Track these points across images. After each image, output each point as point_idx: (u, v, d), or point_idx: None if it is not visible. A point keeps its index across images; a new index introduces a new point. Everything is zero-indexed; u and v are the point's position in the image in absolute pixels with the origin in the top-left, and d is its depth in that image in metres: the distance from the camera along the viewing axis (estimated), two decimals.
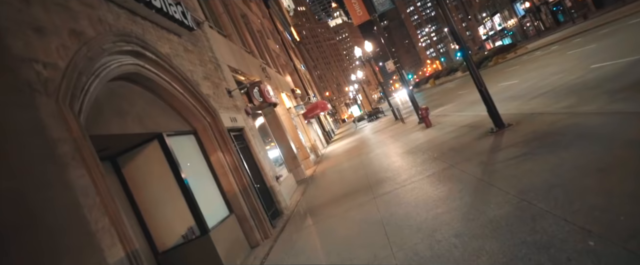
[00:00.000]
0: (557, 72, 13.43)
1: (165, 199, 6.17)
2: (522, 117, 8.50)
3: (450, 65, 69.87)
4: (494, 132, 8.04)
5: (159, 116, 6.36)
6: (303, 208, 9.59)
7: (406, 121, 20.17)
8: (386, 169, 9.56)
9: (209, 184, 7.22)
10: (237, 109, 9.57)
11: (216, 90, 8.57)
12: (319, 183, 12.59)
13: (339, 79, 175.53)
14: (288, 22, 55.84)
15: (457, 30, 8.27)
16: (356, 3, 16.72)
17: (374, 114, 40.12)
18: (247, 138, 9.53)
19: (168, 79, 6.43)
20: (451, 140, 9.55)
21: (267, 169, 9.69)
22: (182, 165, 6.35)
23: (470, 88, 24.64)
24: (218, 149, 7.52)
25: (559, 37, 31.20)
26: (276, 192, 9.65)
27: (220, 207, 7.26)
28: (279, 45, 30.41)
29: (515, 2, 66.23)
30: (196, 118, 7.35)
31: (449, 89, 35.99)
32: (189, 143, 7.21)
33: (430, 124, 13.84)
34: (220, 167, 7.50)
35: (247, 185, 7.75)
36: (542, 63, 19.17)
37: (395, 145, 13.16)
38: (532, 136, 6.55)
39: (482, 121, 10.25)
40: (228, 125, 8.32)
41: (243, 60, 13.33)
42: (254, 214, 7.69)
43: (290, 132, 17.26)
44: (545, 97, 10.08)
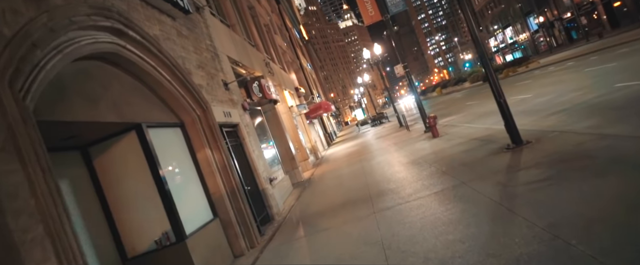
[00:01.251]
0: (575, 89, 12.70)
1: (139, 197, 5.48)
2: (540, 134, 7.78)
3: (458, 75, 69.10)
4: (511, 148, 7.32)
5: (139, 104, 5.67)
6: (296, 215, 8.88)
7: (411, 129, 19.44)
8: (389, 180, 8.84)
9: (192, 183, 6.52)
10: (233, 103, 8.88)
11: (210, 81, 7.88)
12: (316, 188, 11.88)
13: (345, 81, 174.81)
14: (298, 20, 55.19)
15: (478, 36, 7.56)
16: (369, 2, 16.03)
17: (378, 119, 39.39)
18: (241, 135, 8.84)
19: (154, 64, 5.74)
20: (461, 153, 8.82)
21: (260, 170, 8.99)
22: (162, 161, 5.66)
23: (480, 99, 23.93)
24: (206, 146, 6.83)
25: (573, 54, 30.41)
26: (268, 195, 8.95)
27: (204, 210, 6.56)
28: (286, 42, 29.74)
29: (529, 16, 65.36)
30: (184, 110, 6.65)
31: (456, 98, 35.22)
32: (174, 137, 6.52)
33: (437, 134, 13.12)
34: (207, 165, 6.81)
35: (236, 187, 7.05)
36: (557, 79, 18.42)
37: (399, 154, 12.43)
38: (556, 157, 5.82)
39: (495, 135, 9.54)
40: (220, 120, 7.63)
41: (245, 52, 12.65)
42: (241, 219, 6.99)
43: (290, 131, 16.56)
44: (565, 115, 9.35)
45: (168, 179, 5.63)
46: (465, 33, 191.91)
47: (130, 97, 5.50)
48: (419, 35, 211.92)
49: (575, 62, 23.91)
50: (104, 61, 5.06)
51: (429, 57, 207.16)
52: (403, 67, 16.28)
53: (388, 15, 15.65)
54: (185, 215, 5.84)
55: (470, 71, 58.36)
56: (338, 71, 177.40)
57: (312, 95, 29.64)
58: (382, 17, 15.82)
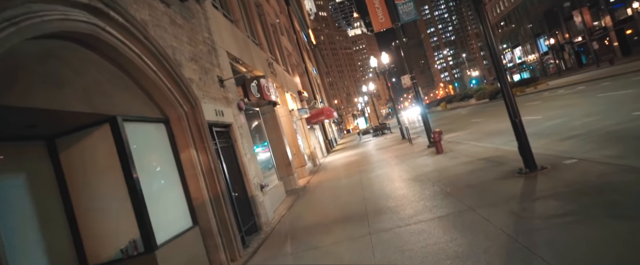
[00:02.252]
0: (589, 114, 12.10)
1: (108, 199, 4.87)
2: (555, 159, 7.17)
3: (464, 91, 68.61)
4: (524, 173, 6.70)
5: (118, 95, 5.09)
6: (286, 227, 8.25)
7: (414, 142, 18.82)
8: (388, 196, 8.22)
9: (172, 186, 5.92)
10: (228, 101, 8.30)
11: (204, 77, 7.30)
12: (311, 198, 11.26)
13: (350, 89, 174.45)
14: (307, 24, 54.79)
15: (497, 50, 6.97)
16: (379, 9, 15.48)
17: (381, 129, 38.77)
18: (233, 136, 8.24)
19: (138, 51, 5.16)
20: (468, 174, 8.20)
21: (251, 175, 8.38)
22: (138, 159, 5.06)
23: (486, 117, 23.34)
24: (191, 145, 6.23)
25: (583, 78, 29.83)
26: (258, 203, 8.33)
27: (182, 216, 5.95)
28: (293, 45, 29.24)
29: (539, 38, 64.91)
30: (170, 104, 6.07)
31: (461, 115, 34.62)
32: (156, 134, 5.92)
33: (441, 150, 12.50)
34: (190, 167, 6.21)
35: (221, 193, 6.44)
36: (567, 102, 17.83)
37: (400, 168, 11.81)
38: (577, 188, 5.20)
39: (505, 157, 8.93)
40: (211, 119, 7.03)
41: (247, 50, 12.08)
42: (223, 228, 6.37)
43: (288, 135, 15.96)
44: (581, 141, 8.75)
45: (143, 180, 5.03)
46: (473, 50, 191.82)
47: (108, 87, 4.91)
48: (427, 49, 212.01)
49: (586, 86, 23.32)
50: (79, 43, 4.47)
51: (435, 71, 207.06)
52: (410, 78, 15.69)
53: (399, 23, 15.08)
54: (159, 221, 5.23)
55: (477, 88, 57.87)
56: (343, 78, 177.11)
57: (314, 100, 29.07)
58: (392, 24, 15.25)
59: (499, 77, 6.94)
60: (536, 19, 63.15)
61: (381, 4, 15.31)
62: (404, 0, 15.01)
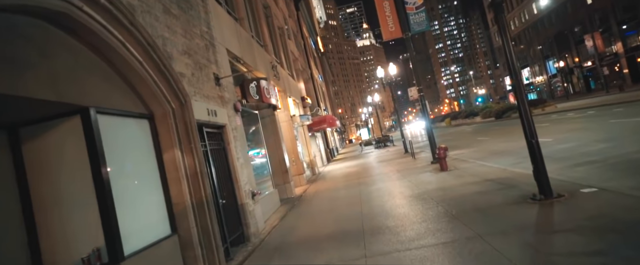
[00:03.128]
0: (603, 140, 11.52)
1: (73, 200, 4.32)
2: (572, 186, 6.58)
3: (470, 108, 68.05)
4: (539, 200, 6.11)
5: (95, 85, 4.56)
6: (276, 239, 7.67)
7: (417, 157, 18.23)
8: (387, 214, 7.63)
9: (150, 189, 5.37)
10: (223, 101, 7.77)
11: (198, 73, 6.78)
12: (306, 208, 10.67)
13: (355, 99, 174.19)
14: (315, 31, 54.55)
15: (516, 66, 6.43)
16: (390, 17, 15.00)
17: (383, 141, 38.16)
18: (226, 139, 7.70)
19: (122, 38, 4.64)
20: (475, 196, 7.61)
21: (242, 182, 7.82)
22: (112, 157, 4.53)
23: (492, 136, 22.73)
24: (176, 146, 5.69)
25: (592, 103, 29.26)
26: (247, 212, 7.76)
27: (160, 223, 5.39)
28: (300, 50, 28.82)
29: (548, 60, 64.43)
30: (156, 99, 5.54)
31: (466, 132, 34.02)
32: (138, 130, 5.38)
33: (446, 167, 11.92)
34: (173, 169, 5.66)
35: (206, 199, 5.88)
36: (578, 126, 17.24)
37: (401, 184, 11.22)
38: (603, 223, 4.61)
39: (515, 179, 8.35)
40: (202, 118, 6.50)
41: (250, 50, 11.59)
42: (205, 238, 5.80)
43: (287, 142, 15.41)
44: (598, 168, 8.16)
45: (116, 180, 4.48)
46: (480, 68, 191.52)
47: (83, 75, 4.38)
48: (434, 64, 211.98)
49: (597, 111, 22.72)
50: (52, 23, 3.96)
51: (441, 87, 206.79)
52: (418, 91, 15.15)
53: (409, 33, 14.59)
54: (131, 228, 4.68)
55: (483, 106, 57.31)
56: (349, 88, 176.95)
57: (318, 107, 28.55)
58: (402, 34, 14.75)
59: (517, 94, 6.39)
60: (546, 41, 62.75)
61: (392, 12, 14.84)
62: (415, 10, 14.54)
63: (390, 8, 14.94)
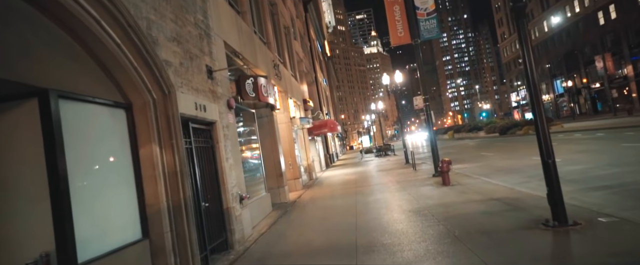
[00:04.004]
0: (617, 164, 10.95)
1: (23, 196, 3.76)
2: (589, 214, 5.99)
3: (473, 122, 67.41)
4: (552, 227, 5.50)
5: (58, 64, 4.01)
6: (261, 249, 7.08)
7: (418, 168, 17.63)
8: (383, 230, 7.03)
9: (121, 188, 4.79)
10: (215, 96, 7.21)
11: (188, 63, 6.22)
12: (298, 216, 10.08)
13: (358, 106, 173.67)
14: (323, 35, 54.14)
15: (536, 80, 5.86)
16: (400, 22, 14.46)
17: (384, 150, 37.49)
18: (215, 137, 7.13)
19: (96, 15, 4.09)
20: (480, 216, 7.02)
21: (230, 184, 7.25)
22: (76, 149, 3.98)
23: (496, 152, 22.10)
24: (154, 141, 5.12)
25: (600, 125, 28.62)
26: (233, 217, 7.18)
27: (129, 226, 4.81)
28: (305, 52, 28.31)
29: (556, 79, 63.83)
30: (135, 88, 4.98)
31: (469, 146, 33.38)
32: (111, 121, 4.82)
33: (448, 182, 11.32)
34: (150, 166, 5.09)
35: (184, 201, 5.30)
36: (587, 147, 16.62)
37: (400, 197, 10.62)
38: (631, 262, 4.01)
39: (523, 200, 7.76)
40: (188, 113, 5.94)
41: (251, 46, 11.06)
42: (181, 245, 5.22)
43: (285, 144, 14.84)
44: (615, 194, 7.58)
45: (75, 175, 3.94)
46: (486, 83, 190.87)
47: (46, 52, 3.83)
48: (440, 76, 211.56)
49: (607, 134, 22.10)
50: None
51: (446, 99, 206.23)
52: (424, 100, 14.58)
53: (418, 40, 14.04)
54: (91, 230, 4.12)
55: (488, 121, 56.71)
56: (353, 94, 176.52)
57: (319, 111, 27.98)
58: (411, 40, 14.20)
59: (534, 108, 5.81)
60: (555, 60, 62.21)
61: (402, 17, 14.31)
62: (427, 16, 14.00)
63: (400, 12, 14.41)
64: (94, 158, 4.41)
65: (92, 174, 4.34)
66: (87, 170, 4.26)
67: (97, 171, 4.45)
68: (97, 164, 4.47)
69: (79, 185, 4.02)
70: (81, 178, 4.11)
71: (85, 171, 4.22)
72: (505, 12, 79.12)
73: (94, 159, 4.41)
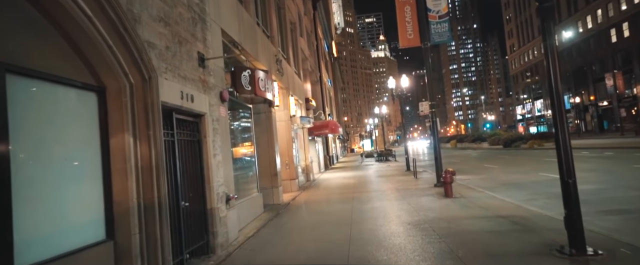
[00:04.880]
0: (630, 186, 10.39)
1: None
2: (609, 242, 5.43)
3: (477, 133, 66.71)
4: (568, 254, 4.90)
5: (12, 34, 3.43)
6: (245, 255, 6.50)
7: (419, 177, 17.01)
8: (379, 243, 6.44)
9: (83, 182, 4.22)
10: (206, 86, 6.63)
11: (175, 47, 5.65)
12: (289, 220, 9.50)
13: (362, 109, 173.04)
14: (331, 35, 53.57)
15: (560, 91, 5.26)
16: (410, 24, 13.87)
17: (385, 155, 36.88)
18: (203, 130, 6.55)
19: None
20: (486, 235, 6.41)
21: (216, 183, 6.66)
22: (26, 134, 3.41)
23: (500, 164, 21.47)
24: (128, 130, 4.55)
25: (608, 144, 27.95)
26: (217, 218, 6.59)
27: (90, 225, 4.24)
28: (311, 50, 27.73)
29: (564, 94, 63.02)
30: (110, 70, 4.41)
31: (471, 156, 32.73)
32: (78, 105, 4.25)
33: (451, 194, 10.72)
34: (120, 159, 4.51)
35: (158, 200, 4.72)
36: (596, 166, 15.97)
37: (400, 206, 10.02)
38: None
39: (532, 220, 7.16)
40: (173, 102, 5.37)
41: (252, 37, 10.48)
42: (151, 249, 4.64)
43: (282, 143, 14.27)
44: (633, 220, 7.03)
45: (23, 164, 3.38)
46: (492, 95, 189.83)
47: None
48: (446, 84, 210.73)
49: (616, 153, 21.44)
50: None
51: (450, 108, 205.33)
52: (430, 106, 13.98)
53: (428, 43, 13.45)
54: (37, 230, 3.55)
55: (492, 132, 56.06)
56: (358, 97, 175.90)
57: (320, 111, 27.38)
58: (421, 43, 13.61)
59: (556, 120, 5.21)
60: (564, 75, 61.38)
61: (413, 18, 13.72)
62: (438, 19, 13.41)
63: (411, 13, 13.82)
64: (51, 146, 3.84)
65: (47, 163, 3.76)
66: (41, 159, 3.69)
67: (55, 161, 3.87)
68: (56, 152, 3.90)
69: (27, 176, 3.45)
70: (32, 168, 3.54)
71: (39, 160, 3.65)
72: (515, 24, 78.37)
73: (51, 147, 3.84)
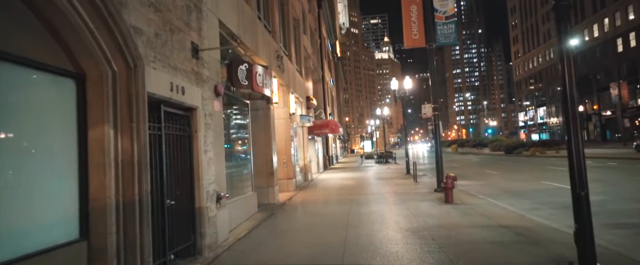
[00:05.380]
0: (636, 199, 10.05)
1: None
2: (620, 259, 5.20)
3: (478, 138, 66.36)
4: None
5: None
6: (233, 259, 6.18)
7: (419, 180, 16.67)
8: (375, 250, 6.11)
9: (55, 176, 3.90)
10: (199, 78, 6.30)
11: (166, 35, 5.32)
12: (284, 221, 9.18)
13: (364, 110, 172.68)
14: (335, 35, 53.20)
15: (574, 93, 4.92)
16: (416, 23, 13.52)
17: (385, 157, 36.53)
18: (195, 125, 6.22)
19: None
20: (488, 246, 6.08)
21: (206, 180, 6.34)
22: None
23: (501, 171, 21.12)
24: (109, 122, 4.22)
25: (611, 154, 27.57)
26: (206, 218, 6.26)
27: (61, 224, 3.92)
28: (314, 48, 27.39)
29: None
30: (90, 55, 4.08)
31: (472, 162, 32.37)
32: (54, 92, 3.93)
33: (451, 200, 10.38)
34: (99, 152, 4.19)
35: (139, 198, 4.40)
36: (600, 177, 15.58)
37: (398, 211, 9.68)
38: None
39: (536, 231, 6.84)
40: (161, 94, 5.04)
41: (253, 31, 10.15)
42: (128, 250, 4.31)
43: (281, 141, 13.95)
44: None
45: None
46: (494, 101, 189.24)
47: None
48: (449, 88, 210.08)
49: (619, 164, 21.09)
50: None
51: (452, 113, 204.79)
52: (433, 109, 13.63)
53: (433, 44, 13.10)
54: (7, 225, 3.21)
55: (493, 138, 55.69)
56: (360, 98, 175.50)
57: (321, 110, 27.04)
58: (426, 44, 13.27)
59: (569, 127, 4.87)
60: None
61: (419, 18, 13.36)
62: (445, 20, 13.06)
63: (417, 13, 13.47)
64: (21, 135, 3.52)
65: (15, 155, 3.44)
66: (8, 150, 3.37)
67: (25, 152, 3.55)
68: (26, 142, 3.57)
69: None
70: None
71: (6, 151, 3.33)
72: (521, 30, 77.93)
73: (21, 137, 3.52)
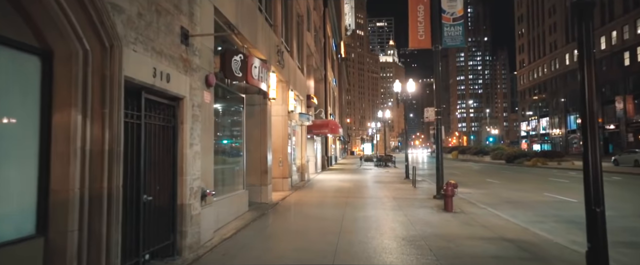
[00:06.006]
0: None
1: None
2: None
3: (480, 146, 65.90)
4: None
5: None
6: (215, 261, 5.74)
7: (418, 186, 16.22)
8: (368, 260, 5.68)
9: (10, 163, 3.46)
10: (187, 66, 5.87)
11: (151, 16, 4.89)
12: (274, 222, 8.75)
13: (365, 113, 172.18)
14: (340, 35, 52.76)
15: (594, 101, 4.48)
16: (422, 24, 13.09)
17: (385, 161, 36.05)
18: (181, 116, 5.79)
19: None
20: (490, 261, 5.64)
21: (190, 175, 5.90)
22: None
23: (502, 180, 20.63)
24: (77, 106, 3.80)
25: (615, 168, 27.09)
26: (188, 216, 5.83)
27: (14, 217, 3.50)
28: (318, 47, 26.95)
29: (570, 114, 62.01)
30: (59, 31, 3.66)
31: (473, 169, 31.89)
32: (13, 69, 3.50)
33: (451, 208, 9.95)
34: (64, 140, 3.76)
35: (109, 192, 3.97)
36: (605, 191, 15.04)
37: (395, 218, 9.24)
38: None
39: (541, 246, 6.41)
40: (142, 79, 4.61)
41: (252, 22, 9.72)
42: (92, 249, 3.89)
43: (277, 139, 13.51)
44: None
45: None
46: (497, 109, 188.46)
47: None
48: (452, 95, 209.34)
49: (623, 178, 20.63)
50: None
51: (454, 119, 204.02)
52: (436, 113, 13.19)
53: (440, 46, 12.66)
54: None
55: (495, 147, 55.19)
56: (363, 100, 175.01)
57: (321, 110, 26.60)
58: (431, 46, 12.83)
59: (587, 138, 4.42)
60: (572, 95, 60.42)
61: (425, 19, 12.93)
62: (452, 22, 12.62)
63: (424, 14, 13.03)
64: None
65: None
66: None
67: None
68: None
69: None
70: None
71: None
72: (528, 39, 77.40)
73: None
